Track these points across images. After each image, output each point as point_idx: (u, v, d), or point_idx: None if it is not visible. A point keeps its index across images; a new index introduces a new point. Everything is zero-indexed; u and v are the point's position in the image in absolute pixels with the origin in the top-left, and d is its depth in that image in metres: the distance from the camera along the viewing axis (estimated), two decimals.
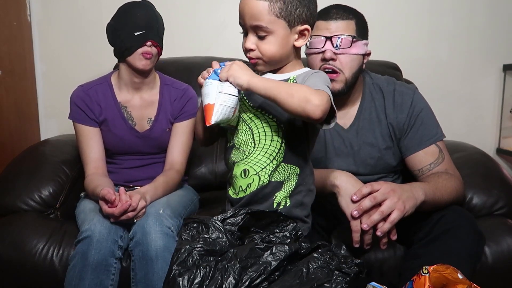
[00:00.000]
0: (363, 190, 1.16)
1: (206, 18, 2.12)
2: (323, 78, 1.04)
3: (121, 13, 1.47)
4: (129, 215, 1.27)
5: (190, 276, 0.87)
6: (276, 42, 1.02)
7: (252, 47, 1.03)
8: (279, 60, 1.06)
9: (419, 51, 2.18)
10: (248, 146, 1.06)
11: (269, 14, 0.99)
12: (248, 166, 1.06)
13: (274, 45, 1.02)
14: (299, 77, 1.05)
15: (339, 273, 0.89)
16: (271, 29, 1.00)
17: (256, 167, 1.05)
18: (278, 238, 0.97)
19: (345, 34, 1.28)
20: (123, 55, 1.45)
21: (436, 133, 1.35)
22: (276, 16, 1.00)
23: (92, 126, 1.49)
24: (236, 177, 1.08)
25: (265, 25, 1.00)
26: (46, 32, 2.12)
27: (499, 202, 1.40)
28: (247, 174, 1.06)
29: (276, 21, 1.00)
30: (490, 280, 1.21)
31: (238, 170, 1.07)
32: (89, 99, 1.49)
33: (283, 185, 1.06)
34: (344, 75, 1.29)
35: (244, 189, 1.06)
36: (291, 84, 1.03)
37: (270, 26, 1.00)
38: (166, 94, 1.56)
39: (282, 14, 1.00)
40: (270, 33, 1.01)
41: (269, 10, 0.99)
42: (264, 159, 1.05)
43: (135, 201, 1.28)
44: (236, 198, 1.08)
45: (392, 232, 1.17)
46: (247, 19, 1.02)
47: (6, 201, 1.44)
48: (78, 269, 1.22)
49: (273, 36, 1.01)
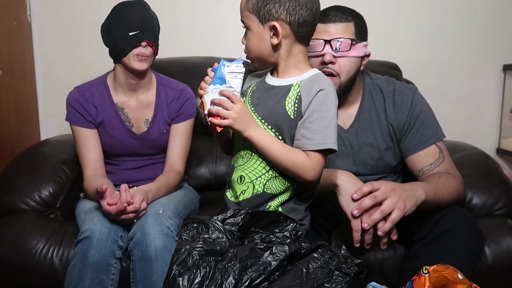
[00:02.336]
0: (364, 188, 1.16)
1: (206, 18, 2.12)
2: (329, 106, 1.03)
3: (115, 13, 1.44)
4: (130, 216, 1.27)
5: (190, 276, 0.87)
6: (252, 38, 1.06)
7: (242, 41, 1.08)
8: (260, 57, 1.08)
9: (419, 51, 2.18)
10: (247, 153, 1.08)
11: (245, 9, 1.04)
12: (244, 173, 1.08)
13: (251, 41, 1.06)
14: (304, 89, 1.04)
15: (339, 273, 0.89)
16: (248, 24, 1.05)
17: (252, 175, 1.06)
18: (278, 238, 0.97)
19: (344, 37, 1.27)
20: (118, 56, 1.43)
21: (436, 133, 1.35)
22: (249, 11, 1.04)
23: (89, 128, 1.48)
24: (233, 181, 1.09)
25: (244, 19, 1.05)
26: (46, 32, 2.12)
27: (499, 202, 1.40)
28: (243, 180, 1.07)
29: (249, 16, 1.04)
30: (490, 280, 1.21)
31: (236, 175, 1.09)
32: (85, 101, 1.48)
33: (276, 197, 1.07)
34: (339, 79, 1.29)
35: (238, 195, 1.08)
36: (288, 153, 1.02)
37: (247, 21, 1.05)
38: (163, 94, 1.55)
39: (254, 9, 1.03)
40: (248, 29, 1.06)
41: (246, 5, 1.04)
42: (260, 168, 1.06)
43: (138, 202, 1.27)
44: (233, 202, 1.10)
45: (393, 232, 1.16)
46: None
47: (6, 201, 1.44)
48: (78, 269, 1.22)
49: (250, 31, 1.06)
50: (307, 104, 1.03)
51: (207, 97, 1.02)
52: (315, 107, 1.02)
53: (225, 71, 1.03)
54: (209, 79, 1.05)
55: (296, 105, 1.04)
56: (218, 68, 1.03)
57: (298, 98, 1.04)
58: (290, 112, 1.04)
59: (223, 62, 1.03)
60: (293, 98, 1.05)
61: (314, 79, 1.06)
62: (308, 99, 1.03)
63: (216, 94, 1.02)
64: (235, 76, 1.03)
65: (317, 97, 1.03)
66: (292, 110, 1.04)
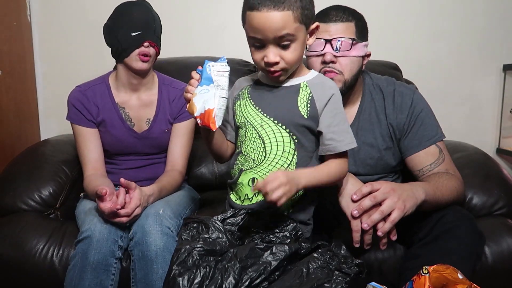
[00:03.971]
0: (363, 189, 1.16)
1: (206, 18, 2.12)
2: (341, 105, 1.09)
3: (117, 13, 1.45)
4: (123, 220, 1.26)
5: (190, 276, 0.87)
6: (299, 48, 1.04)
7: (277, 60, 1.03)
8: (297, 65, 1.08)
9: (420, 51, 2.18)
10: (258, 155, 1.07)
11: (294, 21, 1.00)
12: (257, 175, 1.07)
13: (298, 51, 1.04)
14: (315, 89, 1.08)
15: (339, 273, 0.89)
16: (296, 36, 1.02)
17: (265, 177, 1.03)
18: (278, 238, 0.97)
19: (345, 36, 1.27)
20: (121, 56, 1.44)
21: (436, 133, 1.35)
22: (299, 22, 1.01)
23: (89, 127, 1.48)
24: (242, 184, 1.08)
25: (292, 32, 1.00)
26: (46, 32, 2.12)
27: (499, 202, 1.40)
28: (255, 183, 1.05)
29: (299, 27, 1.02)
30: (490, 280, 1.21)
31: (245, 178, 1.08)
32: (87, 100, 1.48)
33: None
34: (343, 76, 1.29)
35: (250, 197, 1.07)
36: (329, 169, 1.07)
37: (295, 33, 1.01)
38: (165, 94, 1.55)
39: (303, 18, 1.01)
40: (293, 41, 1.02)
41: (294, 17, 1.00)
42: (275, 170, 1.05)
43: (131, 208, 1.26)
44: (240, 205, 1.09)
45: (392, 232, 1.16)
46: (270, 32, 1.00)
47: (6, 201, 1.44)
48: (78, 269, 1.22)
49: (297, 42, 1.03)
50: (322, 106, 1.06)
51: (196, 99, 1.01)
52: (334, 110, 1.07)
53: (211, 71, 1.02)
54: (195, 81, 1.03)
55: (309, 106, 1.06)
56: (203, 70, 1.03)
57: (310, 99, 1.07)
58: (303, 112, 1.06)
59: (207, 63, 1.03)
60: (305, 98, 1.07)
61: (322, 81, 1.10)
62: (323, 101, 1.06)
63: (205, 95, 1.01)
64: (222, 75, 1.03)
65: (332, 101, 1.07)
66: (305, 110, 1.06)
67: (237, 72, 1.81)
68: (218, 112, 1.01)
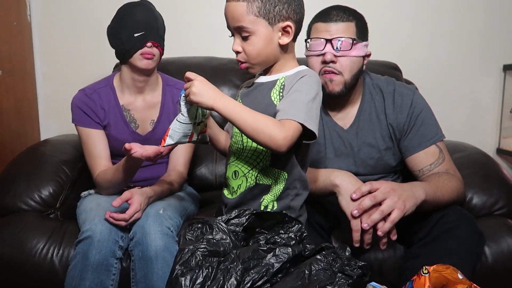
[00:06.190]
0: (363, 188, 1.16)
1: (206, 18, 2.12)
2: (308, 86, 1.02)
3: (120, 14, 1.45)
4: (121, 224, 1.28)
5: (192, 276, 0.87)
6: (258, 42, 1.03)
7: (238, 49, 1.06)
8: (266, 60, 1.07)
9: (419, 51, 2.18)
10: (238, 147, 1.08)
11: (248, 14, 1.01)
12: (237, 168, 1.08)
13: (257, 45, 1.04)
14: (289, 79, 1.05)
15: (342, 275, 0.88)
16: (252, 29, 1.02)
17: (244, 168, 1.07)
18: (283, 239, 0.97)
19: (345, 36, 1.27)
20: (125, 57, 1.44)
21: (436, 133, 1.35)
22: (255, 15, 1.02)
23: (97, 129, 1.48)
24: (229, 178, 1.11)
25: (246, 25, 1.02)
26: (46, 32, 2.12)
27: (499, 202, 1.41)
28: (237, 175, 1.08)
29: (256, 20, 1.02)
30: (490, 280, 1.22)
31: (230, 171, 1.10)
32: (93, 103, 1.48)
33: (270, 188, 1.06)
34: (343, 77, 1.29)
35: (235, 190, 1.09)
36: (257, 116, 0.98)
37: (251, 26, 1.02)
38: (169, 95, 1.55)
39: (261, 12, 1.01)
40: (252, 34, 1.03)
41: (248, 10, 1.01)
42: (251, 161, 1.06)
43: (129, 214, 1.27)
44: (230, 198, 1.10)
45: (392, 232, 1.17)
46: (230, 21, 1.05)
47: (6, 201, 1.44)
48: (78, 269, 1.22)
49: (255, 36, 1.03)
50: (289, 88, 1.03)
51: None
52: (296, 87, 1.02)
53: (180, 99, 1.05)
54: None
55: (281, 93, 1.05)
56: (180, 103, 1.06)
57: (282, 87, 1.05)
58: (276, 101, 1.04)
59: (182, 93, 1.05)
60: (278, 88, 1.06)
61: (299, 70, 1.07)
62: (292, 84, 1.03)
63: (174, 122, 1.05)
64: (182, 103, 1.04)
65: (300, 80, 1.03)
66: (278, 99, 1.05)
67: (237, 72, 1.81)
68: (172, 133, 1.05)
